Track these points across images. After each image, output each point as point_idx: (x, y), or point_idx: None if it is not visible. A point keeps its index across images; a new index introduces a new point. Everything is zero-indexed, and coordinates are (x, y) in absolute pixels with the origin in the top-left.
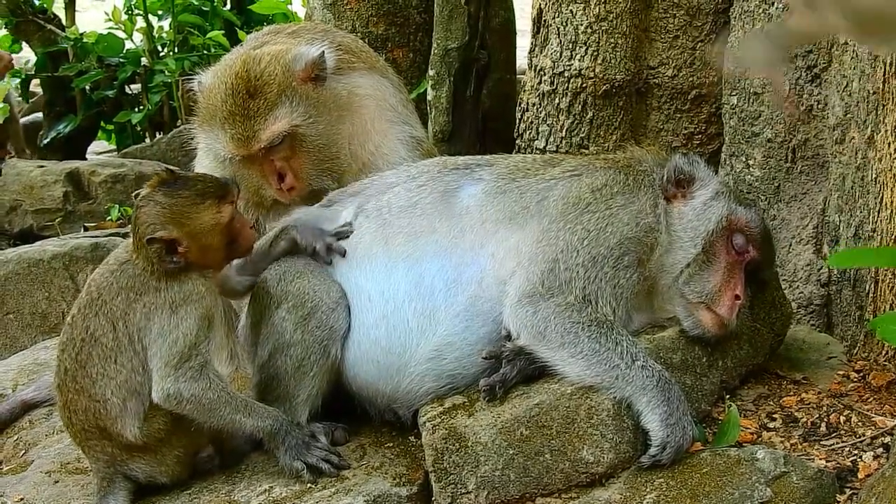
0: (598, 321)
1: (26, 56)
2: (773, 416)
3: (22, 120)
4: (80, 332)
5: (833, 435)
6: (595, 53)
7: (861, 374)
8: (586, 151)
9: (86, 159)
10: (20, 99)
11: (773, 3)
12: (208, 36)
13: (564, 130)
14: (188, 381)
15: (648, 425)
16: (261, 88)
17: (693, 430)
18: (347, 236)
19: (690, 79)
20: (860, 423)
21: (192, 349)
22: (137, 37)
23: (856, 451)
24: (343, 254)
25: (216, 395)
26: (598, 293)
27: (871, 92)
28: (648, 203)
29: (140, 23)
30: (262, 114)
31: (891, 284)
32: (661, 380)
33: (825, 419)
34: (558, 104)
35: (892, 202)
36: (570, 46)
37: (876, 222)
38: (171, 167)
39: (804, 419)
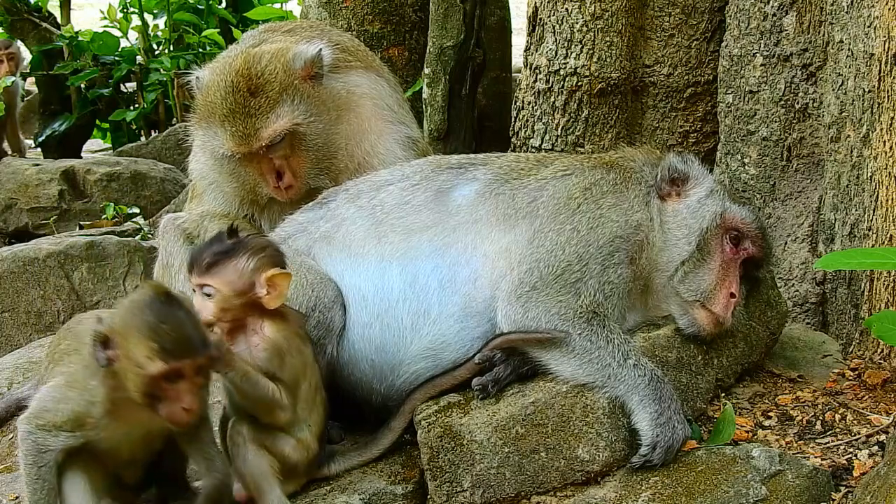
0: (588, 320)
1: (21, 54)
2: (769, 414)
3: None
4: None
5: (828, 433)
6: (590, 52)
7: (856, 372)
8: (581, 150)
9: (81, 158)
10: (26, 92)
11: (768, 1)
12: (204, 34)
13: (560, 129)
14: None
15: (638, 425)
16: (262, 86)
17: (685, 429)
18: None
19: (686, 77)
20: (855, 422)
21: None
22: (133, 35)
23: (851, 450)
24: None
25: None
26: (588, 292)
27: (867, 90)
28: (638, 201)
29: (135, 21)
30: (263, 112)
31: (886, 283)
32: (652, 378)
33: (820, 417)
34: (554, 102)
35: (887, 200)
36: (566, 45)
37: (871, 220)
38: (169, 290)
39: (799, 417)
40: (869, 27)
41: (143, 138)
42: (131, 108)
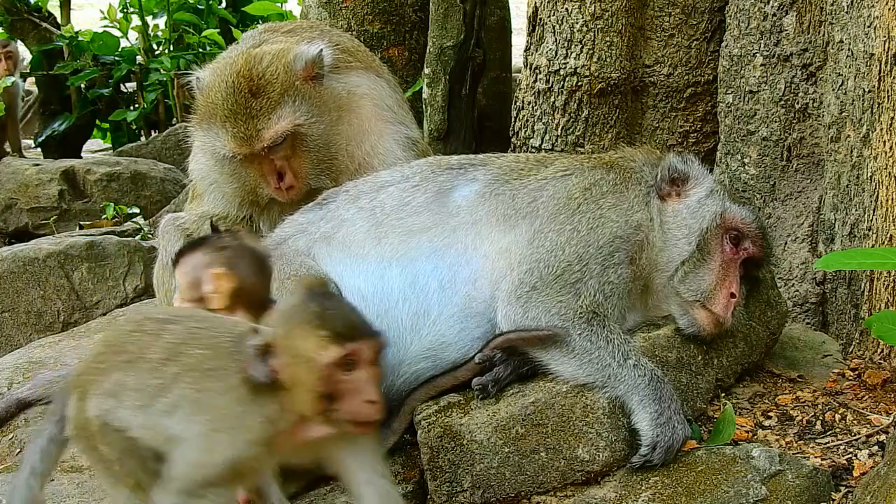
0: (588, 320)
1: (21, 55)
2: (769, 414)
3: None
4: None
5: (828, 433)
6: (590, 52)
7: (856, 372)
8: (581, 150)
9: (81, 157)
10: (25, 92)
11: (768, 1)
12: (204, 34)
13: (560, 129)
14: None
15: (638, 425)
16: (263, 87)
17: (685, 429)
18: None
19: (686, 77)
20: (855, 422)
21: (207, 486)
22: (133, 35)
23: (851, 450)
24: None
25: None
26: (588, 292)
27: (867, 90)
28: (638, 201)
29: (135, 21)
30: (264, 113)
31: (886, 283)
32: (652, 378)
33: (820, 417)
34: (554, 102)
35: (887, 200)
36: (566, 45)
37: (871, 220)
38: (325, 282)
39: (799, 417)
40: (869, 27)
41: (143, 138)
42: (131, 108)
